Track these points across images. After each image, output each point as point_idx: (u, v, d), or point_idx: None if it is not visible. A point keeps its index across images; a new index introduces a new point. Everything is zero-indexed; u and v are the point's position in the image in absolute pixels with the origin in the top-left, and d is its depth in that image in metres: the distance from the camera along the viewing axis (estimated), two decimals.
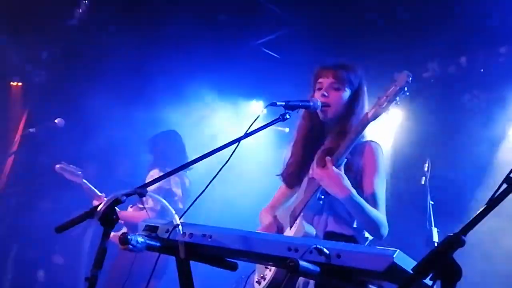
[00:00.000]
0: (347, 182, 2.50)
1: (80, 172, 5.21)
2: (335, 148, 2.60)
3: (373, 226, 2.55)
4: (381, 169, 2.69)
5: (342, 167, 2.54)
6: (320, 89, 2.79)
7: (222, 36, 6.14)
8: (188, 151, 5.39)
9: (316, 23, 5.84)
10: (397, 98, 2.47)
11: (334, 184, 2.50)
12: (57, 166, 5.23)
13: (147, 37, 6.14)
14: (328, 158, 2.53)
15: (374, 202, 2.58)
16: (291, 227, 2.65)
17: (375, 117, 2.51)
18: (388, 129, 6.22)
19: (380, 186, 2.65)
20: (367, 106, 2.77)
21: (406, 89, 2.45)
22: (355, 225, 2.65)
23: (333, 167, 2.50)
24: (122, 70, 6.31)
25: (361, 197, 2.55)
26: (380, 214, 2.57)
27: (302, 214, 2.62)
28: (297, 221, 2.61)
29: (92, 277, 1.91)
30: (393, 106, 2.51)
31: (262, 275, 2.61)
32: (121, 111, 6.54)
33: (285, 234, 2.68)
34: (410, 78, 2.45)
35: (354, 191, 2.51)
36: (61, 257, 6.35)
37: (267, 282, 2.55)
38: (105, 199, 2.02)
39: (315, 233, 2.56)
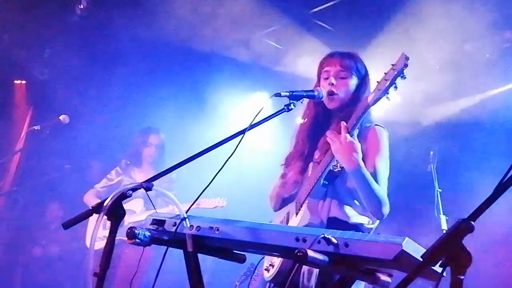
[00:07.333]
0: (357, 153, 2.49)
1: None
2: None
3: (376, 203, 2.54)
4: (384, 151, 2.69)
5: (355, 136, 2.53)
6: (326, 78, 2.79)
7: (224, 28, 6.10)
8: (191, 145, 5.38)
9: (321, 13, 5.81)
10: (396, 81, 2.45)
11: (345, 151, 2.49)
12: None
13: (148, 31, 6.11)
14: (343, 123, 2.53)
15: (375, 181, 2.57)
16: (296, 214, 2.66)
17: (375, 101, 2.50)
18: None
19: (382, 167, 2.65)
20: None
21: (404, 72, 2.42)
22: (358, 212, 2.65)
23: (347, 134, 2.49)
24: (126, 66, 6.30)
25: None
26: (383, 192, 2.57)
27: (306, 201, 2.61)
28: (302, 208, 2.62)
29: (101, 272, 1.91)
30: (392, 89, 2.48)
31: (270, 263, 2.62)
32: (128, 107, 6.54)
33: (291, 221, 2.69)
34: (408, 61, 2.41)
35: (362, 163, 2.50)
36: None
37: (275, 269, 2.55)
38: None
39: (320, 220, 2.56)
